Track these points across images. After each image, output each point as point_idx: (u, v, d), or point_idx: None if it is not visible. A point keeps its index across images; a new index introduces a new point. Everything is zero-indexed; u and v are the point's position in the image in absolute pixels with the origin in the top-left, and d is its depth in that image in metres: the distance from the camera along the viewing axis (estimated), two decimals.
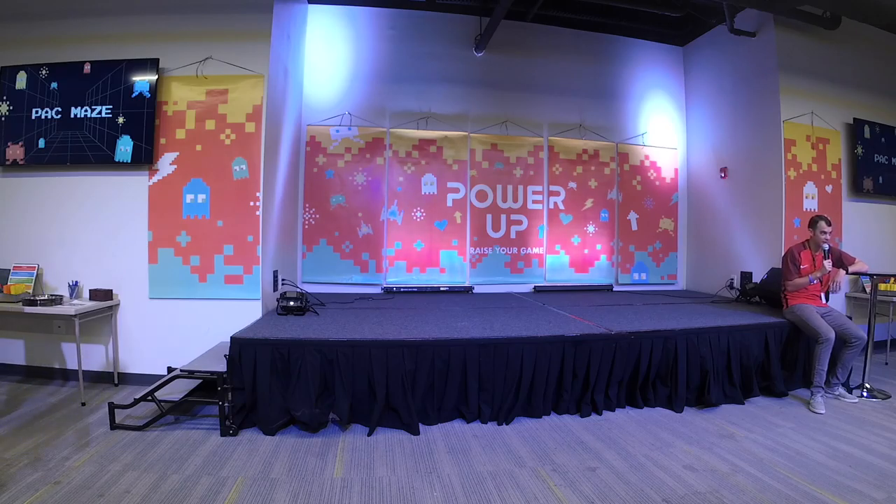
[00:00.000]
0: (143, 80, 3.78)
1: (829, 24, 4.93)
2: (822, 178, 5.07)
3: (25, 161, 3.78)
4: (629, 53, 6.28)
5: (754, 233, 5.30)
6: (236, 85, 3.89)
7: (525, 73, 5.93)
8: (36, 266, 3.77)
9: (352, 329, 3.35)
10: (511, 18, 5.49)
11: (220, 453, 2.65)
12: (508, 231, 5.84)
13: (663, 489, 2.31)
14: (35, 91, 3.80)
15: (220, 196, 3.85)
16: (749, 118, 5.35)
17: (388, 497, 2.23)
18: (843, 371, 3.64)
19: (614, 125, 6.22)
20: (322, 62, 5.49)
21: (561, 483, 2.38)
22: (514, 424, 3.13)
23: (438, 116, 5.69)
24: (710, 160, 6.01)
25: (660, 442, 2.88)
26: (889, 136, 5.38)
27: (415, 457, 2.66)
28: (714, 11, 5.37)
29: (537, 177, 5.94)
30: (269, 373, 2.98)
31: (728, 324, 3.71)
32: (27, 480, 2.28)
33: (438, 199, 5.65)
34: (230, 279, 3.84)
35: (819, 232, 3.75)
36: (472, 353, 3.16)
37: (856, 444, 2.84)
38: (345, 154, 5.46)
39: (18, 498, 2.13)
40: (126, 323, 3.85)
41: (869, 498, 2.23)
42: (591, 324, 3.66)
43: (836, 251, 3.82)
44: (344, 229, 5.44)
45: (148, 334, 3.84)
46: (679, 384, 3.42)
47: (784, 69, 4.91)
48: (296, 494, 2.24)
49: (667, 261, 6.30)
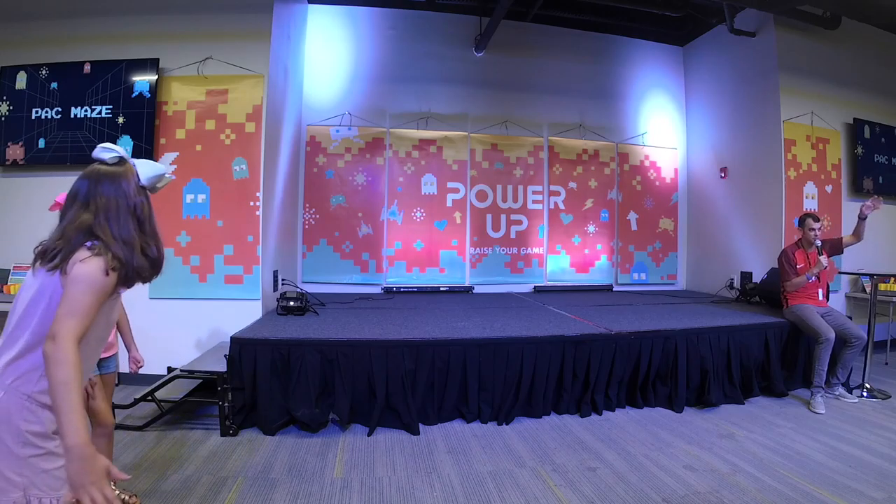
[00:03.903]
0: (143, 80, 3.78)
1: (829, 24, 4.93)
2: (822, 178, 5.07)
3: (25, 161, 3.78)
4: (629, 53, 6.28)
5: (754, 233, 5.30)
6: (236, 85, 3.89)
7: (525, 73, 5.93)
8: None
9: (352, 329, 3.35)
10: (511, 18, 5.48)
11: (220, 453, 2.65)
12: (508, 231, 5.84)
13: (663, 489, 2.31)
14: (35, 91, 3.80)
15: (220, 196, 3.85)
16: (749, 118, 5.35)
17: (388, 497, 2.23)
18: (843, 371, 3.65)
19: (614, 125, 6.22)
20: (322, 62, 5.49)
21: (561, 483, 2.38)
22: (514, 424, 3.13)
23: (438, 116, 5.68)
24: (710, 160, 6.01)
25: (660, 442, 2.88)
26: (889, 136, 5.38)
27: (415, 457, 2.66)
28: (714, 11, 5.37)
29: (537, 177, 5.94)
30: (269, 373, 2.98)
31: (728, 324, 3.72)
32: None
33: (438, 199, 5.65)
34: (230, 279, 3.84)
35: (808, 229, 3.78)
36: (472, 353, 3.16)
37: (856, 444, 2.84)
38: (345, 154, 5.46)
39: None
40: None
41: (869, 498, 2.23)
42: (591, 324, 3.66)
43: (826, 243, 3.84)
44: (344, 229, 5.44)
45: (148, 334, 3.80)
46: (679, 384, 3.42)
47: (784, 69, 4.91)
48: (296, 494, 2.24)
49: (667, 261, 6.30)
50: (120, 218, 1.20)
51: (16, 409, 1.10)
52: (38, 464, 1.10)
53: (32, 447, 1.10)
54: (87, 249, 1.15)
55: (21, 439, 1.09)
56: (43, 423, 1.13)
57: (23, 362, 1.12)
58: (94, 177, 1.23)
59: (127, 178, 1.24)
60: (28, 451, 1.10)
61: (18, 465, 1.08)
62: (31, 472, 1.09)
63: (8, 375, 1.12)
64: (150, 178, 1.28)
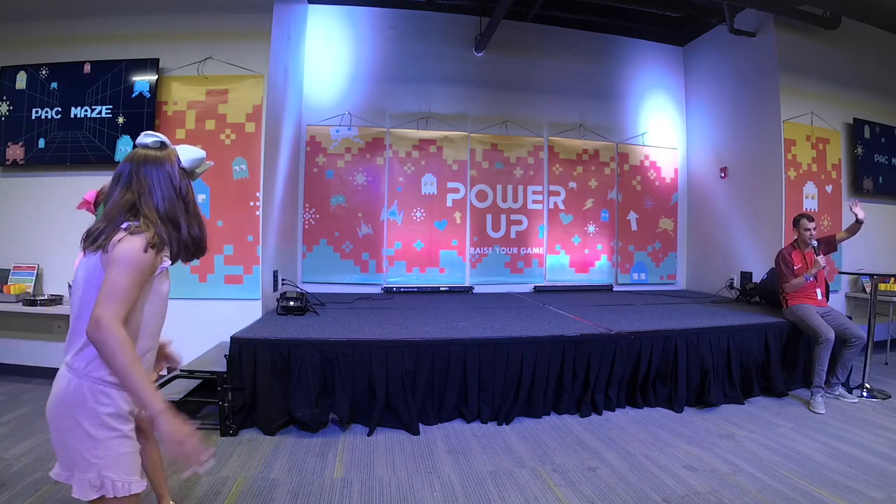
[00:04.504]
0: (143, 80, 3.78)
1: (829, 24, 4.93)
2: (822, 178, 5.07)
3: (25, 161, 3.78)
4: (629, 53, 6.28)
5: (754, 233, 5.30)
6: (236, 85, 3.89)
7: (525, 73, 5.93)
8: (36, 266, 3.77)
9: (352, 329, 3.35)
10: (511, 18, 5.48)
11: (220, 453, 2.64)
12: (508, 231, 5.84)
13: (663, 489, 2.31)
14: (35, 91, 3.80)
15: (220, 196, 3.85)
16: (749, 118, 5.35)
17: (388, 497, 2.24)
18: (843, 371, 3.65)
19: (614, 125, 6.22)
20: (322, 62, 5.49)
21: (561, 483, 2.38)
22: (514, 424, 3.13)
23: (438, 116, 5.68)
24: (710, 160, 6.01)
25: (660, 442, 2.88)
26: (889, 136, 5.38)
27: (415, 457, 2.66)
28: (714, 11, 5.37)
29: (537, 177, 5.94)
30: (269, 373, 2.98)
31: (728, 324, 3.72)
32: (27, 480, 2.28)
33: (438, 199, 5.65)
34: (230, 279, 3.84)
35: (803, 230, 3.80)
36: (472, 352, 3.16)
37: (856, 444, 2.84)
38: (345, 154, 5.46)
39: (18, 498, 2.13)
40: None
41: (869, 498, 2.23)
42: (591, 324, 3.66)
43: (822, 241, 3.85)
44: (344, 229, 5.44)
45: None
46: (679, 384, 3.42)
47: (784, 69, 4.91)
48: (296, 494, 2.24)
49: (666, 261, 6.30)
50: (165, 197, 1.25)
51: (90, 394, 1.16)
52: (114, 447, 1.17)
53: (108, 429, 1.17)
54: (123, 230, 1.19)
55: (98, 422, 1.15)
56: (117, 403, 1.18)
57: (90, 349, 1.17)
58: (137, 159, 1.28)
59: (171, 160, 1.30)
60: (105, 434, 1.16)
61: (95, 447, 1.15)
62: (106, 454, 1.16)
63: (79, 362, 1.18)
64: (191, 160, 1.33)
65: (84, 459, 1.15)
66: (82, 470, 1.15)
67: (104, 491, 1.16)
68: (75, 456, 1.16)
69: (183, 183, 1.31)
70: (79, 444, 1.15)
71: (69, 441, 1.16)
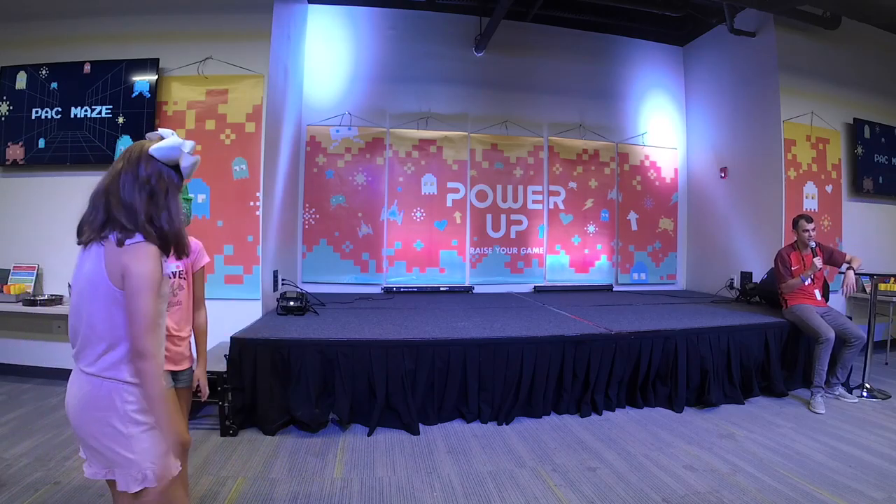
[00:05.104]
0: (143, 80, 3.78)
1: (829, 24, 4.93)
2: (822, 178, 5.07)
3: (25, 161, 3.78)
4: (629, 53, 6.28)
5: (754, 233, 5.30)
6: (236, 85, 3.89)
7: (525, 73, 5.93)
8: (36, 266, 3.77)
9: (352, 329, 3.35)
10: (511, 18, 5.48)
11: (220, 453, 2.65)
12: (508, 231, 5.84)
13: (663, 489, 2.31)
14: (35, 91, 3.80)
15: (220, 196, 3.85)
16: (749, 118, 5.35)
17: (388, 497, 2.23)
18: (843, 371, 3.65)
19: (614, 125, 6.22)
20: (322, 62, 5.49)
21: (561, 483, 2.38)
22: (514, 424, 3.13)
23: (438, 116, 5.68)
24: (710, 160, 6.01)
25: (660, 442, 2.87)
26: (889, 136, 5.37)
27: (415, 457, 2.66)
28: (714, 11, 5.37)
29: (537, 177, 5.94)
30: (269, 373, 2.98)
31: (728, 324, 3.72)
32: (27, 480, 2.28)
33: (438, 199, 5.65)
34: (230, 279, 3.84)
35: (801, 231, 3.80)
36: (472, 353, 3.16)
37: (856, 444, 2.84)
38: (345, 154, 5.46)
39: (18, 498, 2.13)
40: None
41: (869, 498, 2.23)
42: (591, 324, 3.66)
43: (826, 248, 3.85)
44: (344, 229, 5.43)
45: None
46: (679, 384, 3.42)
47: (784, 69, 4.91)
48: (296, 494, 2.24)
49: (666, 261, 6.30)
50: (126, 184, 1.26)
51: (116, 394, 1.22)
52: (146, 439, 1.24)
53: (136, 424, 1.23)
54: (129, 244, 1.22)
55: (127, 419, 1.22)
56: (139, 399, 1.24)
57: (111, 355, 1.23)
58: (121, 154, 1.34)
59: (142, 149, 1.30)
60: (135, 429, 1.22)
61: (130, 444, 1.22)
62: (141, 448, 1.22)
63: (99, 367, 1.23)
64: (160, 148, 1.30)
65: (123, 457, 1.21)
66: (124, 467, 1.21)
67: (147, 483, 1.23)
68: (112, 455, 1.22)
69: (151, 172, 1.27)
70: (114, 444, 1.21)
71: (103, 443, 1.21)
